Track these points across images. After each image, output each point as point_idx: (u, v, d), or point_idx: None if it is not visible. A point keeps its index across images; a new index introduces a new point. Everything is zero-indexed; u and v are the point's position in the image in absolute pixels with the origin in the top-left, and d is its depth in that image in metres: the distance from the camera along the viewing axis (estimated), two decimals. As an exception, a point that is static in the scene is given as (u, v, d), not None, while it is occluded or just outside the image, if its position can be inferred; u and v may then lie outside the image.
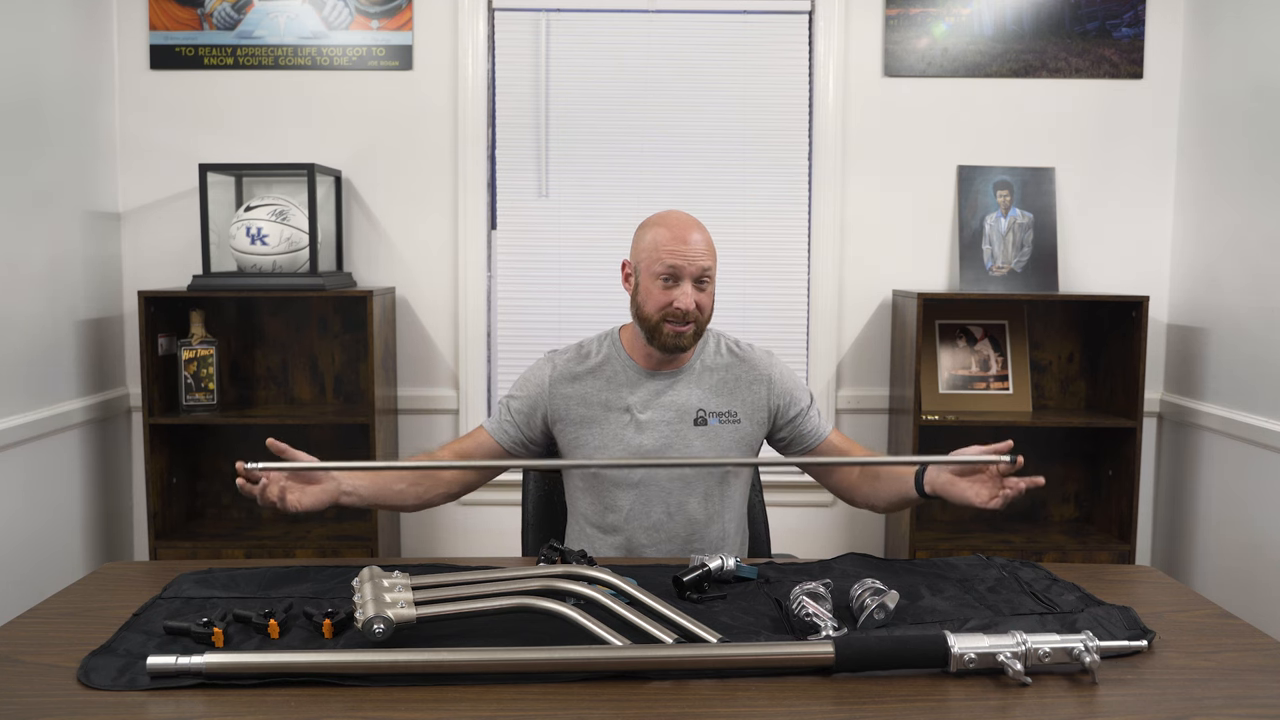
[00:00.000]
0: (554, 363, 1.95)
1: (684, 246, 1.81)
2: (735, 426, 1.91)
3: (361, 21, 2.96)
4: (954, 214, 3.02)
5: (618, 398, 1.90)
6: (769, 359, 1.97)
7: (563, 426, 1.92)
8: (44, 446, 2.63)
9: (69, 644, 1.37)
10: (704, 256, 1.83)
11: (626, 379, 1.91)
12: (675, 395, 1.90)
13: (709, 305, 1.86)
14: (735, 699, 1.22)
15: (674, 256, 1.81)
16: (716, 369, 1.94)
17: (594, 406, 1.91)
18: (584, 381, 1.92)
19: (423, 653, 1.27)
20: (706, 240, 1.85)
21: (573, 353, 1.96)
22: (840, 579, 1.58)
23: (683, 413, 1.89)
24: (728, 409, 1.91)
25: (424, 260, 3.03)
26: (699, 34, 3.01)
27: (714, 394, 1.92)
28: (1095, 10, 2.96)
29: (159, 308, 2.78)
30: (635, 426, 1.88)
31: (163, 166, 2.97)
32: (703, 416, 1.90)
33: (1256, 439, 2.59)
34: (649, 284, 1.84)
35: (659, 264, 1.82)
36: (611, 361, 1.93)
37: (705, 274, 1.83)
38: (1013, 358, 2.99)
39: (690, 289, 1.82)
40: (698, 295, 1.83)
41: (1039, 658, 1.28)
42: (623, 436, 1.88)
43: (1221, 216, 2.78)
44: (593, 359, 1.94)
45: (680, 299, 1.81)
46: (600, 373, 1.92)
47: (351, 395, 3.03)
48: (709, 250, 1.85)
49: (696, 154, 3.02)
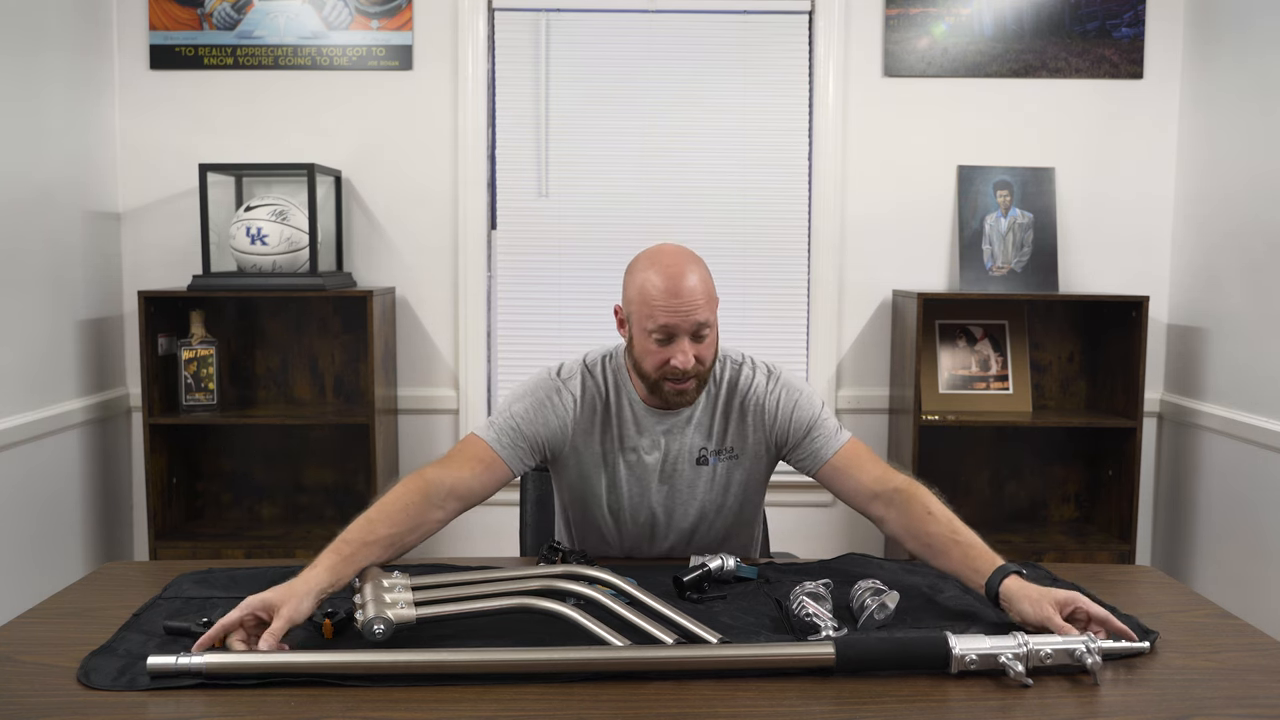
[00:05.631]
0: (573, 394, 1.76)
1: (677, 300, 1.62)
2: (737, 462, 1.80)
3: (361, 21, 2.96)
4: (954, 214, 3.02)
5: (626, 437, 1.77)
6: (768, 384, 1.79)
7: (572, 465, 1.79)
8: (44, 446, 2.63)
9: (69, 644, 1.37)
10: (700, 309, 1.64)
11: (633, 417, 1.77)
12: (678, 435, 1.78)
13: (710, 355, 1.69)
14: (735, 699, 1.22)
15: (667, 314, 1.62)
16: (716, 405, 1.79)
17: (606, 448, 1.78)
18: (599, 423, 1.78)
19: (423, 653, 1.27)
20: (703, 285, 1.66)
21: (588, 387, 1.78)
22: (840, 579, 1.58)
23: (687, 452, 1.78)
24: (730, 446, 1.80)
25: (424, 260, 3.03)
26: (699, 34, 3.01)
27: (715, 432, 1.79)
28: (1095, 10, 2.96)
29: (159, 308, 2.78)
30: (642, 466, 1.78)
31: (163, 166, 2.97)
32: (705, 455, 1.78)
33: (1256, 439, 2.59)
34: (643, 340, 1.67)
35: (650, 321, 1.64)
36: (620, 399, 1.78)
37: (703, 327, 1.65)
38: (1013, 358, 2.99)
39: (688, 345, 1.64)
40: (696, 349, 1.66)
41: (1040, 659, 1.27)
42: (630, 476, 1.79)
43: (1221, 216, 2.78)
44: (603, 396, 1.78)
45: (677, 358, 1.64)
46: (611, 412, 1.78)
47: (351, 395, 3.03)
48: (707, 297, 1.66)
49: (696, 154, 3.02)
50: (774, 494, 2.88)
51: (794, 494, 3.06)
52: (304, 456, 3.05)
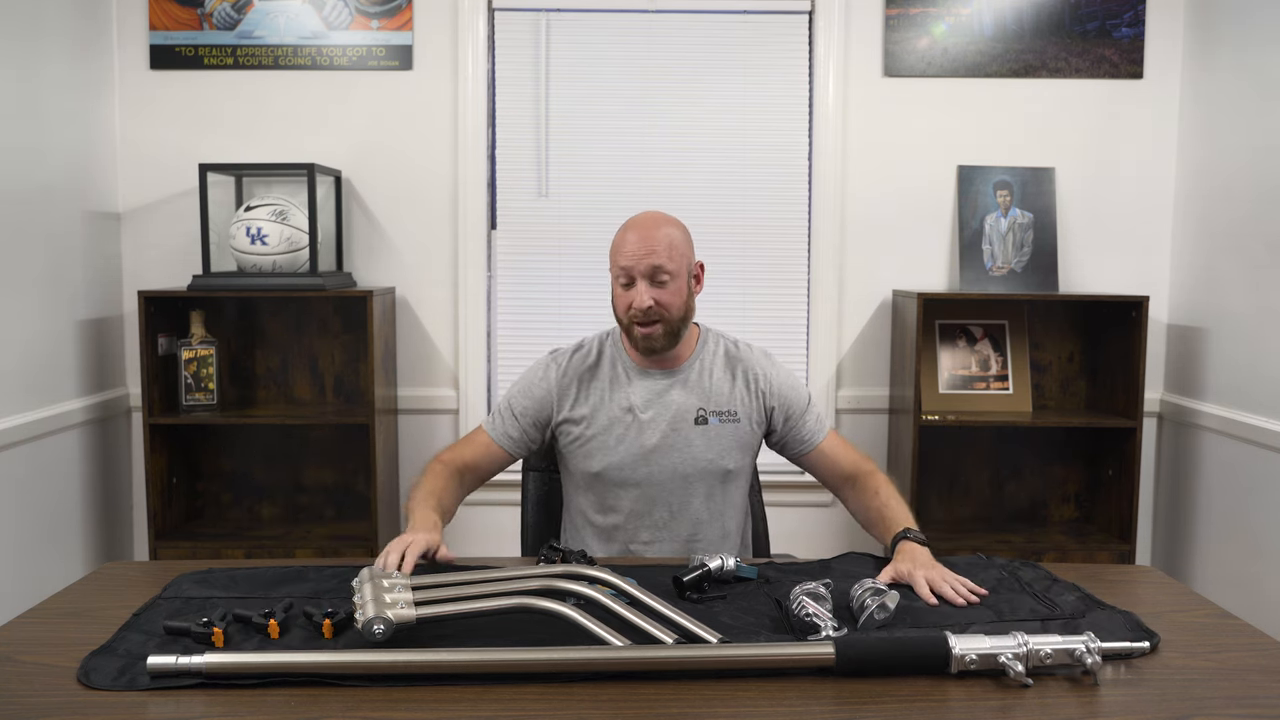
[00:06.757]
0: (558, 363, 1.94)
1: (635, 246, 1.80)
2: (735, 426, 1.91)
3: (361, 21, 2.96)
4: (954, 214, 3.02)
5: (621, 396, 1.90)
6: (767, 360, 1.96)
7: (568, 426, 1.92)
8: (44, 446, 2.63)
9: (69, 644, 1.37)
10: (655, 255, 1.79)
11: (628, 378, 1.91)
12: (675, 394, 1.90)
13: (675, 302, 1.82)
14: (735, 699, 1.22)
15: (625, 257, 1.80)
16: (715, 369, 1.93)
17: (599, 405, 1.91)
18: (588, 381, 1.92)
19: (423, 653, 1.27)
20: (668, 238, 1.81)
21: (575, 352, 1.95)
22: (840, 579, 1.58)
23: (683, 412, 1.89)
24: (727, 408, 1.91)
25: (424, 260, 3.03)
26: (699, 34, 3.01)
27: (713, 393, 1.91)
28: (1095, 10, 2.96)
29: (159, 308, 2.78)
30: (638, 426, 1.89)
31: (163, 166, 2.97)
32: (703, 415, 1.89)
33: (1256, 439, 2.59)
34: (614, 288, 1.86)
35: (615, 266, 1.84)
36: (613, 360, 1.93)
37: (659, 271, 1.79)
38: (1013, 358, 2.99)
39: (645, 287, 1.79)
40: (655, 293, 1.80)
41: (1040, 659, 1.27)
42: (626, 436, 1.88)
43: (1221, 216, 2.78)
44: (595, 358, 1.94)
45: (635, 299, 1.80)
46: (603, 372, 1.93)
47: (351, 395, 3.03)
48: (668, 248, 1.80)
49: (696, 154, 3.02)
50: (774, 494, 2.90)
51: (794, 494, 3.06)
52: (304, 456, 3.05)
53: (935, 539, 2.86)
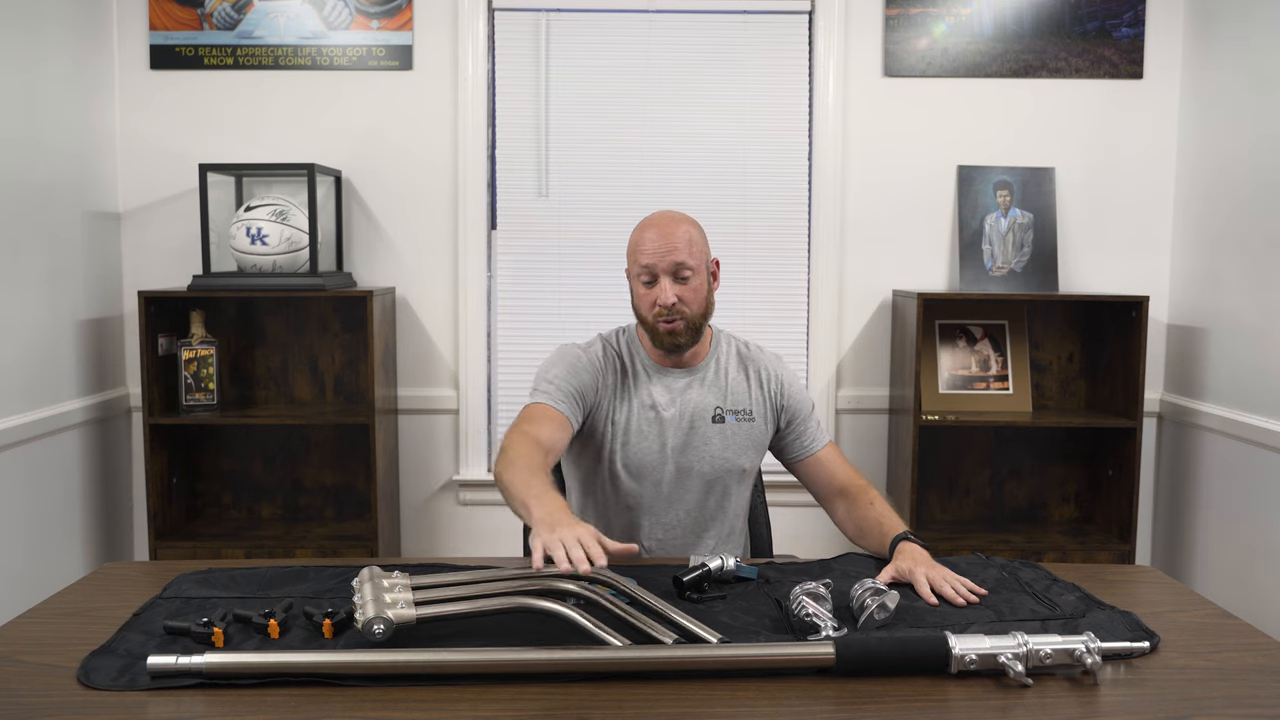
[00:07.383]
0: (589, 351, 1.91)
1: (656, 243, 1.81)
2: (750, 425, 1.92)
3: (361, 21, 2.96)
4: (954, 214, 3.02)
5: (644, 393, 1.90)
6: (778, 362, 1.99)
7: (603, 411, 1.89)
8: (44, 446, 2.63)
9: (69, 644, 1.37)
10: (677, 251, 1.81)
11: (648, 375, 1.92)
12: (694, 393, 1.91)
13: (696, 299, 1.83)
14: (735, 699, 1.22)
15: (646, 255, 1.82)
16: (730, 368, 1.95)
17: (626, 399, 1.90)
18: (618, 382, 1.92)
19: (423, 653, 1.27)
20: (687, 235, 1.83)
21: (607, 350, 1.94)
22: (840, 579, 1.58)
23: (701, 410, 1.90)
24: (744, 407, 1.92)
25: (424, 260, 3.03)
26: (699, 34, 3.01)
27: (730, 392, 1.93)
28: (1095, 10, 2.96)
29: (159, 308, 2.78)
30: (660, 423, 1.89)
31: (163, 166, 2.97)
32: (720, 414, 1.91)
33: (1256, 439, 2.59)
34: (635, 286, 1.87)
35: (636, 264, 1.85)
36: (634, 357, 1.94)
37: (681, 268, 1.81)
38: (1013, 358, 2.99)
39: (668, 284, 1.81)
40: (678, 289, 1.81)
41: (1040, 659, 1.27)
42: (649, 432, 1.89)
43: (1221, 216, 2.78)
44: (619, 357, 1.94)
45: (660, 295, 1.80)
46: (626, 366, 1.93)
47: (351, 395, 3.03)
48: (688, 244, 1.82)
49: (696, 154, 3.02)
50: (774, 494, 2.89)
51: (795, 494, 3.05)
52: (304, 456, 3.05)
53: (935, 539, 2.87)
